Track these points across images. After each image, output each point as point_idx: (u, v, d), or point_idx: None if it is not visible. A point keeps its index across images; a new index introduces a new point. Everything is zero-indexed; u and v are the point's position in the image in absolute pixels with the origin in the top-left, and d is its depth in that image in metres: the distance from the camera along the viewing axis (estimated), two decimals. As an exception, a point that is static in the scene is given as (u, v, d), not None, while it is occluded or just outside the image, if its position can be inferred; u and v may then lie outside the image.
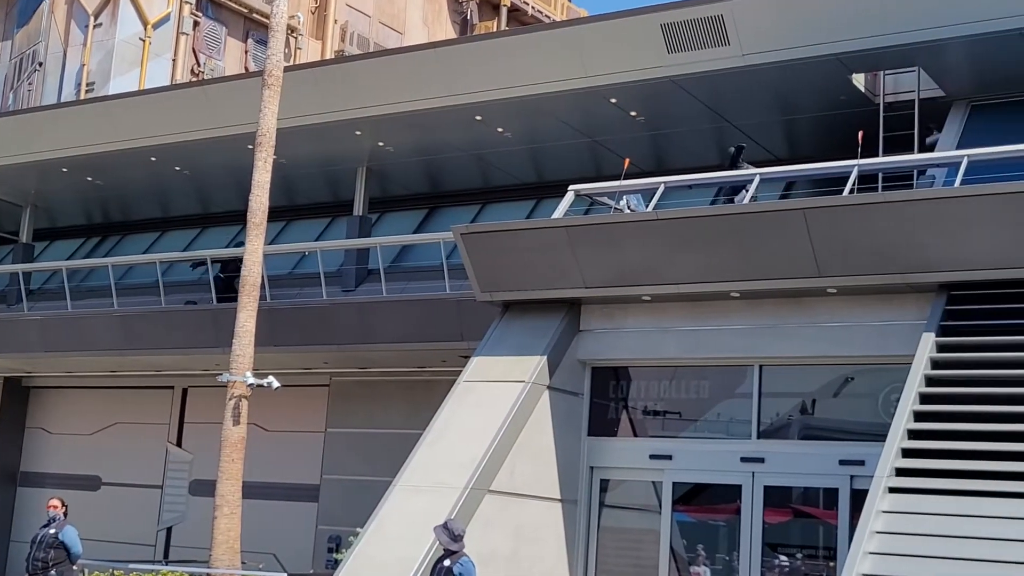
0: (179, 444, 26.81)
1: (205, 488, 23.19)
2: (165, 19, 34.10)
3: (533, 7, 41.96)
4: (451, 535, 12.76)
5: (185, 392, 26.95)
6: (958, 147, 18.04)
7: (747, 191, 16.91)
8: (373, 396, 23.85)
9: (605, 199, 18.58)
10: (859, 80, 19.11)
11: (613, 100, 20.37)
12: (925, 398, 13.86)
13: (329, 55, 36.57)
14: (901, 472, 13.22)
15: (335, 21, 37.63)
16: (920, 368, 14.00)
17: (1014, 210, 14.00)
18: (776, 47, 18.34)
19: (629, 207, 18.31)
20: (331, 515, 23.49)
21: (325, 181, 26.00)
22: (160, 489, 26.71)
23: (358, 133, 23.04)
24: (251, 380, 18.27)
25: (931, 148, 18.82)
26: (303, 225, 27.24)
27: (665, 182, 17.69)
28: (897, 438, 13.41)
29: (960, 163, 15.68)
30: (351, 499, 22.65)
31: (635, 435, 17.42)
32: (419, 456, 16.11)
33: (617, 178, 18.06)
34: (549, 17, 42.07)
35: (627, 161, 18.58)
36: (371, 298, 22.59)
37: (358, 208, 25.03)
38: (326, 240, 26.12)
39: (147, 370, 26.45)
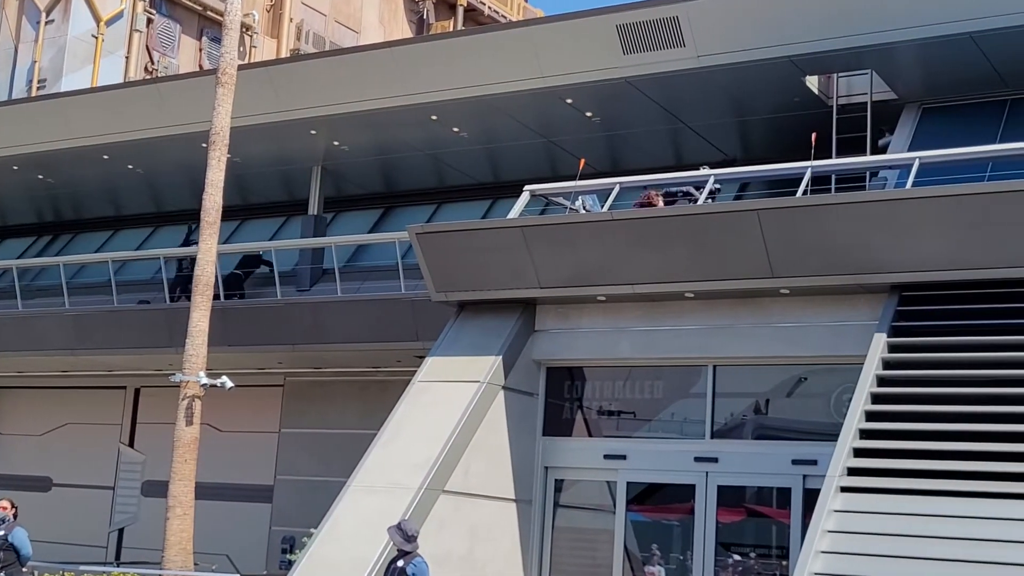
0: (131, 445, 26.58)
1: (158, 489, 23.00)
2: (118, 16, 33.81)
3: (489, 7, 41.96)
4: (404, 535, 12.73)
5: (138, 392, 26.73)
6: (910, 149, 18.21)
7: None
8: (327, 396, 23.76)
9: (560, 199, 18.60)
10: (813, 82, 19.24)
11: (569, 100, 20.40)
12: (877, 398, 13.99)
13: (284, 54, 36.38)
14: (853, 471, 13.33)
15: (290, 20, 37.48)
16: (872, 368, 14.12)
17: (964, 212, 14.15)
18: (731, 49, 18.44)
19: (584, 207, 18.35)
20: (285, 516, 23.38)
21: (280, 180, 25.86)
22: (112, 490, 26.47)
23: (313, 132, 22.94)
24: (204, 380, 18.15)
25: (883, 150, 18.98)
26: (257, 224, 27.07)
27: (620, 183, 17.74)
28: (849, 438, 13.52)
29: (912, 165, 15.81)
30: (305, 500, 22.55)
31: (589, 435, 17.45)
32: (373, 456, 16.07)
33: (573, 178, 18.09)
34: (505, 17, 42.09)
35: (582, 161, 18.61)
36: (326, 298, 22.49)
37: (313, 207, 24.93)
38: (281, 239, 25.99)
39: (99, 370, 26.20)
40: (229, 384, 18.51)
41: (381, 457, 16.00)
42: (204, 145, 19.70)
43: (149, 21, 34.49)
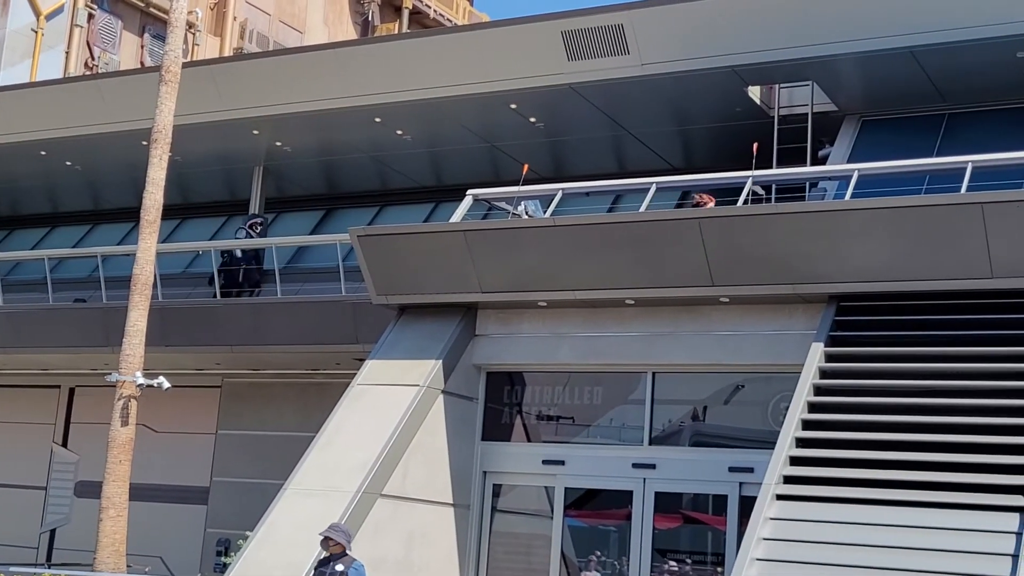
0: (65, 444, 26.23)
1: (91, 489, 22.73)
2: (59, 10, 33.39)
3: (435, 10, 41.92)
4: (347, 537, 12.77)
5: (72, 392, 26.38)
6: (849, 161, 18.41)
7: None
8: (266, 398, 23.60)
9: (503, 204, 18.61)
10: (755, 92, 19.40)
11: (513, 105, 20.42)
12: (813, 407, 14.11)
13: (228, 52, 36.11)
14: (789, 479, 13.45)
15: (234, 18, 37.21)
16: (809, 377, 14.25)
17: (901, 224, 14.32)
18: (674, 58, 18.54)
19: (527, 213, 18.37)
20: (220, 518, 23.17)
21: (221, 179, 25.68)
22: (44, 490, 26.11)
23: (255, 132, 22.80)
24: (141, 380, 17.95)
25: (823, 161, 19.17)
26: (198, 223, 26.86)
27: (563, 188, 17.78)
28: (785, 446, 13.64)
29: (851, 176, 15.99)
30: (241, 502, 22.38)
31: (528, 440, 17.47)
32: (311, 459, 15.98)
33: (516, 183, 18.12)
34: (451, 21, 42.07)
35: (526, 167, 18.64)
36: (265, 299, 22.36)
37: (254, 207, 24.76)
38: (221, 239, 25.78)
39: (33, 368, 25.85)
40: (166, 384, 18.33)
41: (319, 460, 15.92)
42: (145, 143, 19.52)
43: (90, 16, 34.09)
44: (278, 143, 23.26)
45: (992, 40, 16.82)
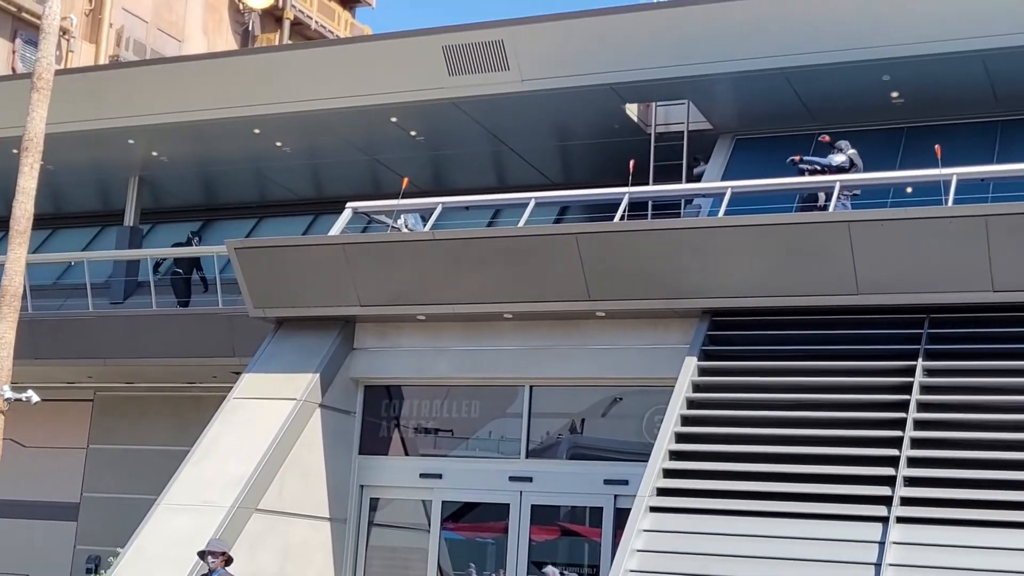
0: (-71, 460, 25.46)
1: (-44, 506, 22.15)
2: (-74, 14, 32.50)
3: (317, 22, 41.67)
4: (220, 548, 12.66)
5: (-63, 405, 25.61)
6: (723, 178, 18.80)
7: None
8: (140, 412, 23.20)
9: (383, 217, 18.60)
10: (632, 110, 19.70)
11: (393, 119, 20.43)
12: (687, 420, 14.36)
13: (103, 60, 35.44)
14: (662, 492, 13.66)
15: (110, 25, 36.51)
16: (682, 390, 14.49)
17: (772, 241, 14.65)
18: (554, 74, 18.76)
19: (407, 226, 18.38)
20: (91, 534, 22.71)
21: (95, 189, 25.23)
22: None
23: (131, 142, 22.46)
24: (8, 394, 17.45)
25: (698, 178, 19.53)
26: (71, 234, 26.34)
27: (443, 202, 17.84)
28: (659, 458, 13.85)
29: (724, 194, 16.31)
30: (113, 518, 21.94)
31: (406, 454, 17.47)
32: (185, 474, 15.78)
33: (396, 196, 18.12)
34: (332, 32, 41.86)
35: (405, 180, 18.63)
36: (140, 311, 22.00)
37: (129, 218, 24.39)
38: (94, 250, 25.32)
39: None
40: (35, 398, 17.83)
41: (193, 474, 15.72)
42: (16, 151, 19.07)
43: (-41, 20, 33.21)
44: (154, 153, 22.94)
45: (860, 63, 17.35)
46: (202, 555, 12.62)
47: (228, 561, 12.52)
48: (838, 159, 16.91)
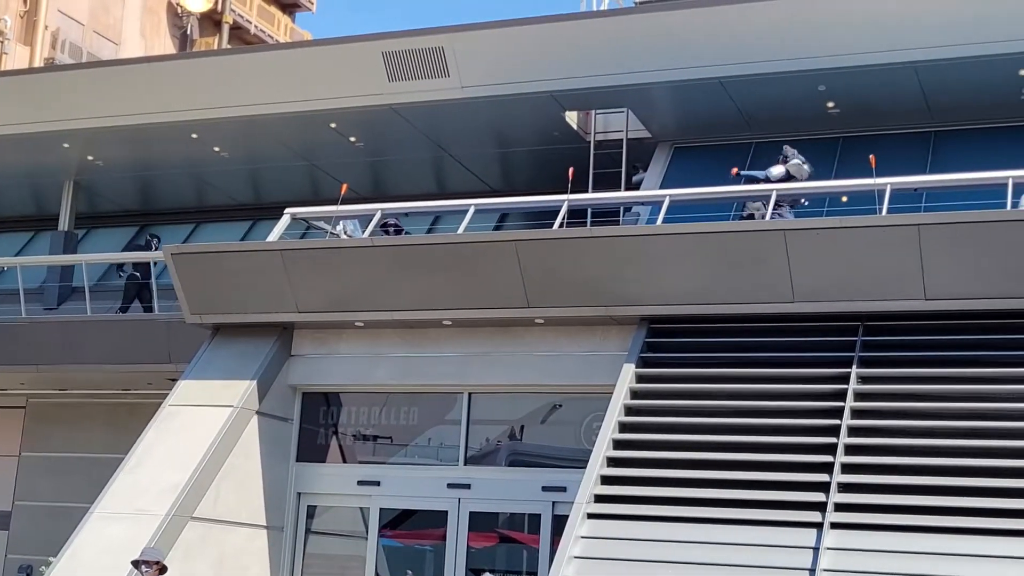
0: None
1: None
2: None
3: (256, 26, 41.44)
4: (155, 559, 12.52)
5: None
6: (661, 186, 18.93)
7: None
8: (74, 419, 22.92)
9: (322, 224, 18.53)
10: (572, 118, 19.79)
11: (333, 125, 20.37)
12: (624, 427, 14.42)
13: (38, 62, 35.01)
14: (600, 498, 13.70)
15: (46, 27, 36.06)
16: (620, 398, 14.54)
17: (709, 249, 14.75)
18: (494, 82, 18.81)
19: (345, 233, 18.32)
20: (23, 543, 22.39)
21: (29, 193, 24.95)
22: None
23: (66, 146, 22.22)
24: (-62, 401, 17.28)
25: (637, 186, 19.64)
26: (3, 239, 26.01)
27: (382, 209, 17.78)
28: (596, 465, 13.89)
29: (663, 202, 16.39)
30: (45, 526, 21.65)
31: (344, 461, 17.38)
32: (119, 482, 15.61)
33: (335, 203, 18.05)
34: (272, 37, 41.65)
35: (344, 186, 18.58)
36: (74, 317, 21.76)
37: (63, 223, 24.13)
38: (27, 255, 25.01)
39: None
40: (-34, 405, 17.67)
41: (127, 482, 15.55)
42: (-54, 154, 18.85)
43: None
44: (90, 157, 22.71)
45: (796, 73, 17.56)
46: (136, 564, 12.48)
47: (163, 570, 12.39)
48: (776, 171, 17.06)
